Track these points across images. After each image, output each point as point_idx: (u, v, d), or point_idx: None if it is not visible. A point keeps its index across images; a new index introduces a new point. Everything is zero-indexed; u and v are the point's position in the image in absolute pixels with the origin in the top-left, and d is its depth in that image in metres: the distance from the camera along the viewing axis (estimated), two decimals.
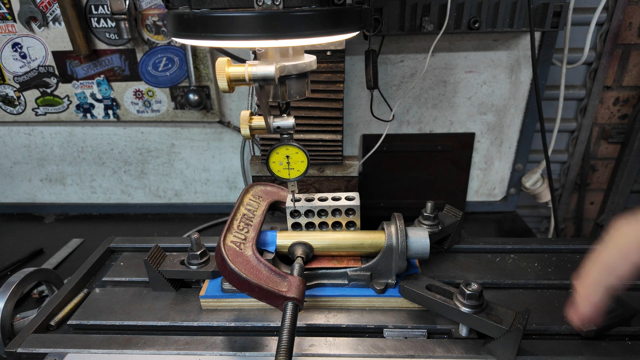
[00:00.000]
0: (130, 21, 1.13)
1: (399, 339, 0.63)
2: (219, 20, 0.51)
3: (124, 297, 0.75)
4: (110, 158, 1.41)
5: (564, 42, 1.13)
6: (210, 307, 0.71)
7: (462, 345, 0.61)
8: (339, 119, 1.04)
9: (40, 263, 1.17)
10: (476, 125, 1.28)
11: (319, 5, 0.54)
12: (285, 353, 0.52)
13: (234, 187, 1.45)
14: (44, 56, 1.23)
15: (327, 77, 1.00)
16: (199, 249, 0.74)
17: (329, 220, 0.74)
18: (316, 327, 0.67)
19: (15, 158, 1.42)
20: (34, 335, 0.66)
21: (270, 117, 0.64)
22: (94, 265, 0.84)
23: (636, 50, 1.23)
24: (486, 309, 0.60)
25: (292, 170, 0.68)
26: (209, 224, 1.39)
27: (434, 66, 1.20)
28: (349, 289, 0.71)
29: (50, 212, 1.49)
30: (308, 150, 0.67)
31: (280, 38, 0.52)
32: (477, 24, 1.04)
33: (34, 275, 0.79)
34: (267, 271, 0.64)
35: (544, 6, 1.02)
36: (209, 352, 0.62)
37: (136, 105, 1.29)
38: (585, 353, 0.60)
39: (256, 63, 0.57)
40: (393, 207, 1.39)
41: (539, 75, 1.14)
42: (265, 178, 1.14)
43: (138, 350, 0.62)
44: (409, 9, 1.03)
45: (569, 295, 0.72)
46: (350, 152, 1.33)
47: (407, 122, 1.29)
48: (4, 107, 1.31)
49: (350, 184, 1.14)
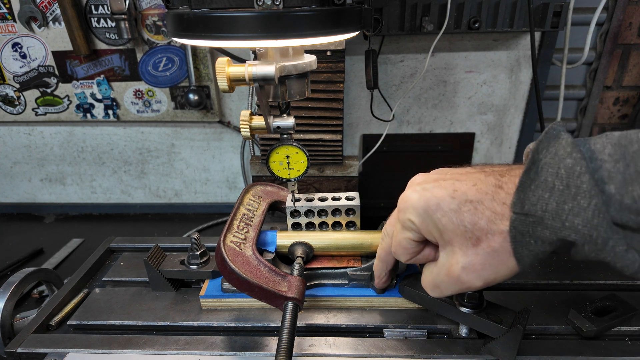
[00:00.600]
0: (130, 21, 1.13)
1: (399, 339, 0.63)
2: (219, 20, 0.51)
3: (124, 297, 0.75)
4: (110, 158, 1.41)
5: (564, 42, 1.13)
6: (210, 307, 0.71)
7: (462, 345, 0.61)
8: (339, 119, 1.04)
9: (40, 263, 1.17)
10: (476, 125, 1.28)
11: (319, 5, 0.54)
12: (285, 353, 0.52)
13: (234, 187, 1.45)
14: (44, 56, 1.23)
15: (327, 77, 1.00)
16: (199, 249, 0.74)
17: (329, 220, 0.74)
18: (316, 327, 0.67)
19: (15, 158, 1.42)
20: (34, 335, 0.66)
21: (270, 117, 0.63)
22: (94, 265, 0.84)
23: (636, 50, 1.23)
24: (486, 309, 0.60)
25: (292, 170, 0.68)
26: (209, 224, 1.39)
27: (434, 66, 1.20)
28: (349, 289, 0.71)
29: (50, 212, 1.49)
30: (308, 150, 0.67)
31: (280, 38, 0.52)
32: (477, 24, 1.04)
33: (34, 275, 0.79)
34: (267, 271, 0.64)
35: (544, 6, 1.02)
36: (209, 352, 0.62)
37: (136, 105, 1.29)
38: (585, 353, 0.60)
39: (256, 63, 0.57)
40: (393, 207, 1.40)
41: (539, 75, 1.14)
42: (265, 178, 1.14)
43: (138, 350, 0.62)
44: (409, 9, 1.03)
45: (569, 295, 0.72)
46: (350, 152, 1.33)
47: (407, 122, 1.29)
48: (4, 107, 1.31)
49: (350, 184, 1.14)
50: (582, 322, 0.63)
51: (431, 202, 0.48)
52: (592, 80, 1.25)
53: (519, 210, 0.43)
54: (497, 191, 0.46)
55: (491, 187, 0.46)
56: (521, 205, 0.43)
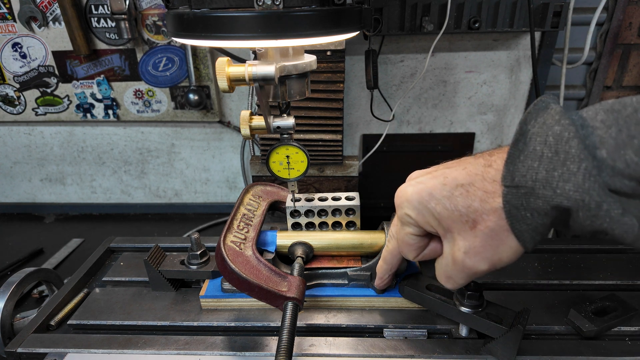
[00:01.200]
0: (130, 21, 1.13)
1: (399, 339, 0.63)
2: (219, 20, 0.51)
3: (124, 297, 0.75)
4: (110, 158, 1.41)
5: (564, 42, 1.13)
6: (210, 307, 0.71)
7: (462, 345, 0.61)
8: (339, 119, 1.04)
9: (40, 263, 1.17)
10: (476, 125, 1.28)
11: (319, 5, 0.54)
12: (285, 353, 0.52)
13: (234, 187, 1.45)
14: (44, 56, 1.23)
15: (327, 77, 1.00)
16: (199, 248, 0.74)
17: (329, 220, 0.74)
18: (316, 327, 0.67)
19: (15, 158, 1.42)
20: (34, 335, 0.66)
21: (270, 117, 0.63)
22: (94, 265, 0.84)
23: (636, 50, 1.23)
24: (486, 309, 0.60)
25: (292, 170, 0.68)
26: (209, 224, 1.39)
27: (434, 66, 1.20)
28: (349, 289, 0.71)
29: (50, 212, 1.49)
30: (308, 150, 0.67)
31: (280, 38, 0.52)
32: (477, 24, 1.04)
33: (34, 275, 0.79)
34: (267, 271, 0.64)
35: (544, 6, 1.02)
36: (209, 352, 0.62)
37: (136, 105, 1.29)
38: (585, 353, 0.60)
39: (256, 63, 0.57)
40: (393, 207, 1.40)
41: (539, 75, 1.14)
42: (265, 178, 1.14)
43: (138, 350, 0.62)
44: (409, 9, 1.03)
45: (569, 295, 0.72)
46: (350, 152, 1.33)
47: (407, 122, 1.29)
48: (4, 107, 1.31)
49: (350, 184, 1.14)
50: (582, 322, 0.63)
51: (424, 192, 0.48)
52: (592, 80, 1.25)
53: (509, 183, 0.42)
54: (486, 170, 0.45)
55: (480, 167, 0.46)
56: (511, 177, 0.42)
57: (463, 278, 0.50)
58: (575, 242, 0.87)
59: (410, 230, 0.53)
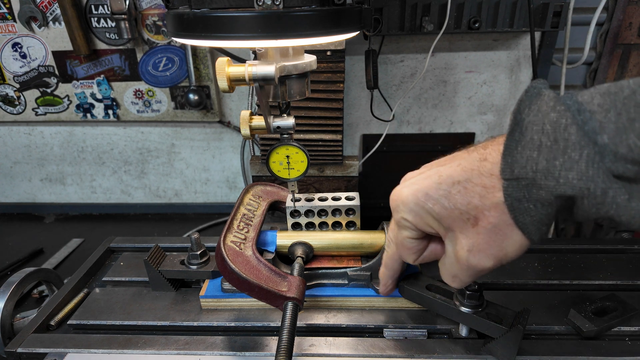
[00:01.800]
0: (130, 21, 1.13)
1: (399, 339, 0.63)
2: (219, 20, 0.51)
3: (124, 297, 0.75)
4: (110, 158, 1.41)
5: (564, 42, 1.13)
6: (210, 307, 0.71)
7: (462, 345, 0.61)
8: (339, 119, 1.04)
9: (40, 263, 1.17)
10: (476, 125, 1.28)
11: (319, 5, 0.54)
12: (285, 353, 0.52)
13: (234, 187, 1.45)
14: (44, 56, 1.23)
15: (327, 77, 1.00)
16: (199, 248, 0.74)
17: (329, 220, 0.74)
18: (316, 327, 0.67)
19: (15, 158, 1.42)
20: (34, 335, 0.66)
21: (270, 117, 0.63)
22: (94, 265, 0.84)
23: (636, 50, 1.23)
24: (486, 309, 0.60)
25: (292, 170, 0.68)
26: (209, 224, 1.39)
27: (434, 66, 1.20)
28: (349, 289, 0.71)
29: (50, 212, 1.49)
30: (308, 150, 0.67)
31: (280, 38, 0.52)
32: (477, 24, 1.04)
33: (34, 275, 0.79)
34: (267, 271, 0.64)
35: (544, 6, 1.02)
36: (209, 352, 0.62)
37: (136, 105, 1.29)
38: (585, 353, 0.60)
39: (256, 63, 0.57)
40: None
41: (539, 75, 1.14)
42: (265, 178, 1.14)
43: (138, 350, 0.62)
44: (409, 9, 1.03)
45: (569, 295, 0.72)
46: (350, 152, 1.33)
47: (407, 122, 1.29)
48: (4, 107, 1.31)
49: (350, 184, 1.14)
50: (582, 322, 0.63)
51: (419, 193, 0.47)
52: (592, 80, 1.25)
53: (509, 175, 0.41)
54: (482, 164, 0.44)
55: (475, 162, 0.45)
56: (510, 170, 0.41)
57: (469, 276, 0.49)
58: (575, 242, 0.87)
59: (408, 233, 0.52)
